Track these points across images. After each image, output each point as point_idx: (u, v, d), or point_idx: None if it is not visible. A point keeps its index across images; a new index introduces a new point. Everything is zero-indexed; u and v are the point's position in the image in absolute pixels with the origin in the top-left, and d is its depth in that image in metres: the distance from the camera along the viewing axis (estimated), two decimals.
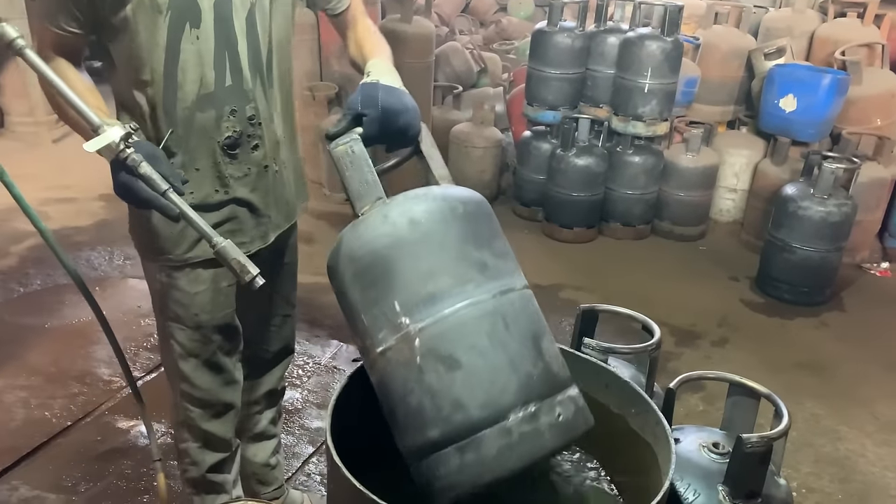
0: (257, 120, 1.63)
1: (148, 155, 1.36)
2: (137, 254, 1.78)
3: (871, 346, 3.58)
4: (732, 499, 1.63)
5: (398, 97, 1.43)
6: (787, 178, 4.27)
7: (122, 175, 1.34)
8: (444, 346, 1.25)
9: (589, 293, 3.87)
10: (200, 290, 1.69)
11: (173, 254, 1.66)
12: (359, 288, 1.33)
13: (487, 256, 1.32)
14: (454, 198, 1.34)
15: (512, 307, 1.30)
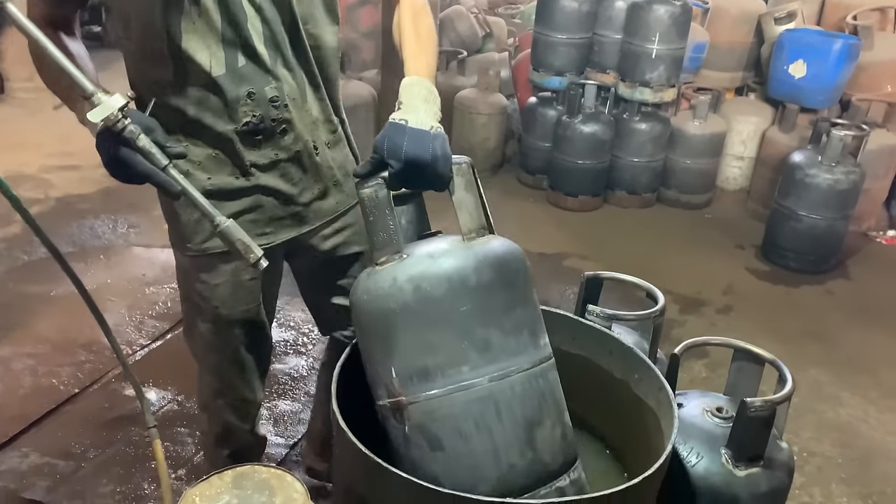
0: (282, 102, 1.49)
1: (144, 126, 1.26)
2: (142, 223, 1.76)
3: (876, 314, 3.58)
4: (735, 462, 1.64)
5: (426, 146, 1.30)
6: (795, 145, 4.23)
7: (116, 148, 1.24)
8: (431, 424, 1.27)
9: (594, 262, 3.86)
10: (220, 282, 1.61)
11: (192, 242, 1.58)
12: (366, 337, 1.35)
13: (494, 334, 1.28)
14: (470, 266, 1.28)
15: (510, 392, 1.28)
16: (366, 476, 1.34)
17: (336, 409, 1.39)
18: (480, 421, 1.26)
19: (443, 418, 1.27)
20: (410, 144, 1.29)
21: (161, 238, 3.89)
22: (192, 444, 2.52)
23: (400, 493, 1.28)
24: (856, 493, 2.47)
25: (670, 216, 4.59)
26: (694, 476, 1.65)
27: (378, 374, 1.32)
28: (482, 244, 1.34)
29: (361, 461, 1.30)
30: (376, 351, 1.32)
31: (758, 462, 1.65)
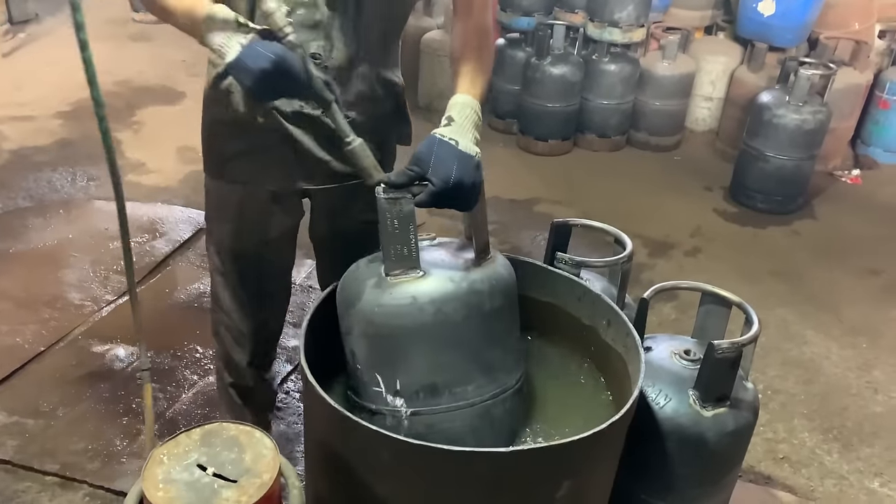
0: (322, 63, 1.43)
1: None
2: (102, 175, 1.75)
3: (840, 253, 3.65)
4: (702, 403, 1.67)
5: (471, 172, 1.31)
6: (764, 85, 4.22)
7: (280, 54, 1.25)
8: (428, 432, 1.32)
9: (565, 207, 3.85)
10: (229, 210, 1.63)
11: (210, 163, 1.62)
12: (366, 346, 1.36)
13: (497, 355, 1.39)
14: (486, 291, 1.34)
15: (502, 407, 1.40)
16: (338, 430, 1.34)
17: (305, 365, 1.38)
18: (476, 433, 1.36)
19: (442, 430, 1.34)
20: (460, 168, 1.29)
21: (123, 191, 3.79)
22: (163, 399, 2.51)
23: (372, 447, 1.29)
24: (817, 428, 2.55)
25: (640, 159, 4.58)
26: (662, 417, 1.68)
27: (376, 380, 1.35)
28: (492, 267, 1.40)
29: (333, 416, 1.30)
30: (380, 361, 1.35)
31: (724, 402, 1.68)
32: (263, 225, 1.64)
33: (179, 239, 3.38)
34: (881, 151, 4.59)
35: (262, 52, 1.26)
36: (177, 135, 4.32)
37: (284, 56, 1.27)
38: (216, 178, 1.64)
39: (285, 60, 1.26)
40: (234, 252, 1.67)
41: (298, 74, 1.29)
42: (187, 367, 2.66)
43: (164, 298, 3.03)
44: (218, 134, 1.58)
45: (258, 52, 1.26)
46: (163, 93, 4.95)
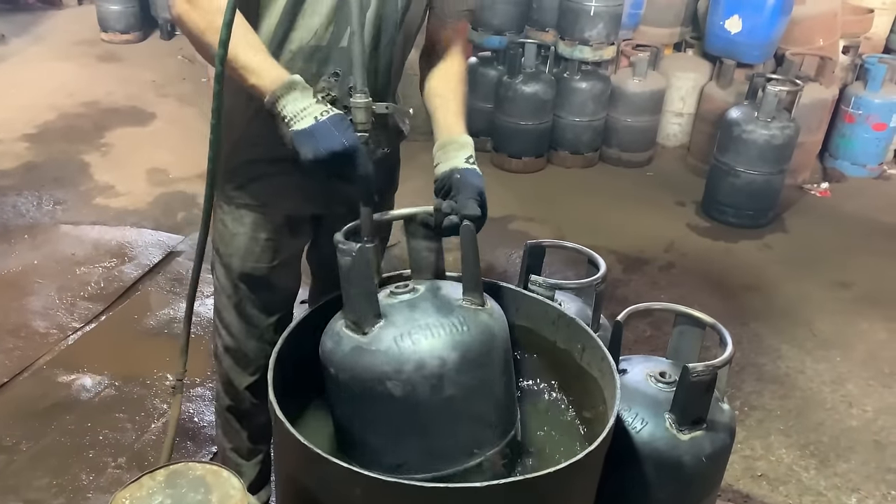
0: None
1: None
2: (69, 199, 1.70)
3: (812, 266, 3.68)
4: (679, 426, 1.66)
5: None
6: (733, 101, 4.27)
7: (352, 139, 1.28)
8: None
9: (539, 224, 3.86)
10: (240, 231, 1.63)
11: (224, 187, 1.61)
12: (351, 404, 1.35)
13: (491, 410, 1.38)
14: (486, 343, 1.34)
15: (497, 464, 1.39)
16: (308, 466, 1.31)
17: (273, 399, 1.34)
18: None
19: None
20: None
21: (90, 214, 3.73)
22: (132, 430, 2.44)
23: (344, 483, 1.25)
24: (794, 444, 2.56)
25: (613, 175, 4.61)
26: (639, 442, 1.67)
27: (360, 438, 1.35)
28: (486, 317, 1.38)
29: (303, 452, 1.26)
30: (365, 417, 1.33)
31: (700, 425, 1.67)
32: (274, 247, 1.66)
33: (149, 263, 3.32)
34: (848, 164, 4.67)
35: (336, 134, 1.27)
36: (146, 156, 4.26)
37: (356, 147, 1.28)
38: (230, 201, 1.63)
39: (357, 151, 1.28)
40: (244, 274, 1.66)
41: (361, 168, 1.30)
42: (157, 395, 2.59)
43: (132, 325, 2.96)
44: (238, 160, 1.57)
45: (332, 133, 1.27)
46: (132, 114, 4.88)
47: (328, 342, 1.34)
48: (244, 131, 1.52)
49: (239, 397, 1.78)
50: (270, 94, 1.29)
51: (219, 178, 1.58)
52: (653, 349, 2.96)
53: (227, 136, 1.54)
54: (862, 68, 4.56)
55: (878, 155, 4.65)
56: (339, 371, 1.32)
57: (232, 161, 1.56)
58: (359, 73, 1.32)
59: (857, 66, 4.60)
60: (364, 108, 1.33)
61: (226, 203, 1.63)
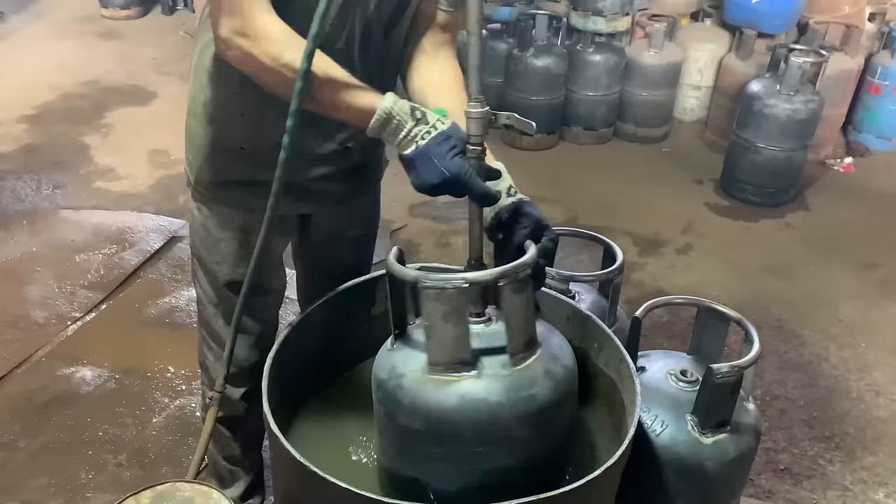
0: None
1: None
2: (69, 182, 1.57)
3: (835, 247, 3.54)
4: (701, 429, 1.56)
5: None
6: (753, 73, 4.10)
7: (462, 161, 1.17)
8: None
9: (551, 204, 3.73)
10: (226, 237, 1.51)
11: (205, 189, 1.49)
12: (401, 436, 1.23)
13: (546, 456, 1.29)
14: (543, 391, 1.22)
15: None
16: (306, 485, 1.22)
17: (268, 411, 1.25)
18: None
19: None
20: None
21: (90, 199, 3.64)
22: (132, 425, 2.37)
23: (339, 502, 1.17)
24: (818, 436, 2.45)
25: (628, 151, 4.46)
26: (659, 445, 1.57)
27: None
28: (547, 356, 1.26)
29: (300, 470, 1.17)
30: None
31: (725, 428, 1.58)
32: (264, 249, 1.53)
33: (150, 249, 3.23)
34: (873, 138, 4.49)
35: (435, 164, 1.16)
36: (148, 138, 4.15)
37: (459, 175, 1.16)
38: (215, 203, 1.50)
39: (460, 178, 1.16)
40: (233, 281, 1.53)
41: (470, 192, 1.19)
42: (158, 388, 2.52)
43: (133, 314, 2.88)
44: (223, 159, 1.44)
45: (431, 162, 1.16)
46: (133, 93, 4.77)
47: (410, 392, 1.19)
48: (227, 127, 1.40)
49: (230, 406, 1.68)
50: (368, 130, 1.20)
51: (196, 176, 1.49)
52: (669, 336, 2.85)
53: (205, 131, 1.43)
54: (889, 36, 4.35)
55: None
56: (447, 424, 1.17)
57: (215, 161, 1.44)
58: (473, 77, 1.19)
59: (884, 35, 4.39)
60: (477, 118, 1.17)
61: (206, 206, 1.51)
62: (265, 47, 1.16)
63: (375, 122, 1.18)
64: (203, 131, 1.43)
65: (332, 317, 1.53)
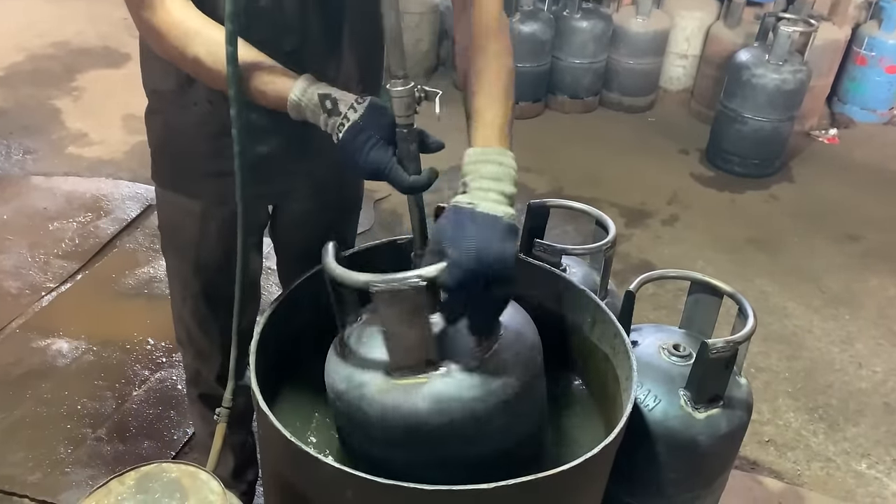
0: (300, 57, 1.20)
1: None
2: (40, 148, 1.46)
3: (819, 219, 3.55)
4: (694, 404, 1.55)
5: (497, 236, 1.01)
6: (741, 42, 4.06)
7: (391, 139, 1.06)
8: None
9: (537, 174, 3.69)
10: (194, 225, 1.41)
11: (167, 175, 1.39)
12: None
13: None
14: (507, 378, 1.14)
15: None
16: (296, 465, 1.18)
17: (257, 389, 1.21)
18: None
19: None
20: (479, 234, 1.01)
21: (63, 165, 3.52)
22: (112, 398, 2.32)
23: (335, 484, 1.13)
24: (802, 407, 2.47)
25: (613, 121, 4.41)
26: (651, 420, 1.56)
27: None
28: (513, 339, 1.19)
29: (289, 449, 1.14)
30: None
31: (717, 403, 1.56)
32: (230, 236, 1.42)
33: (126, 218, 3.14)
34: (858, 109, 4.49)
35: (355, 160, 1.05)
36: (121, 101, 4.01)
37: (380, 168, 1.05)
38: (175, 190, 1.40)
39: (383, 171, 1.06)
40: (205, 266, 1.45)
41: (397, 184, 1.08)
42: (137, 361, 2.46)
43: (110, 284, 2.81)
44: (180, 143, 1.33)
45: (353, 158, 1.05)
46: (104, 55, 4.60)
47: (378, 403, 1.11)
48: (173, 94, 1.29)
49: (210, 386, 1.63)
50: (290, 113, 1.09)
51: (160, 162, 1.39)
52: (656, 307, 2.85)
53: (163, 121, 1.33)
54: (876, 6, 4.33)
55: (888, 100, 4.47)
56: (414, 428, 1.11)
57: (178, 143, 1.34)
58: (393, 52, 1.05)
59: (872, 5, 4.36)
60: (400, 98, 1.05)
61: (172, 192, 1.40)
62: (173, 41, 1.08)
63: (291, 111, 1.08)
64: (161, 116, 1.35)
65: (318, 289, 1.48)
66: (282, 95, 1.08)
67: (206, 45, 1.07)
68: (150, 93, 1.34)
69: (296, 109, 1.08)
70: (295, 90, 1.07)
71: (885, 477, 2.24)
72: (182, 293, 1.51)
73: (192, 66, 1.11)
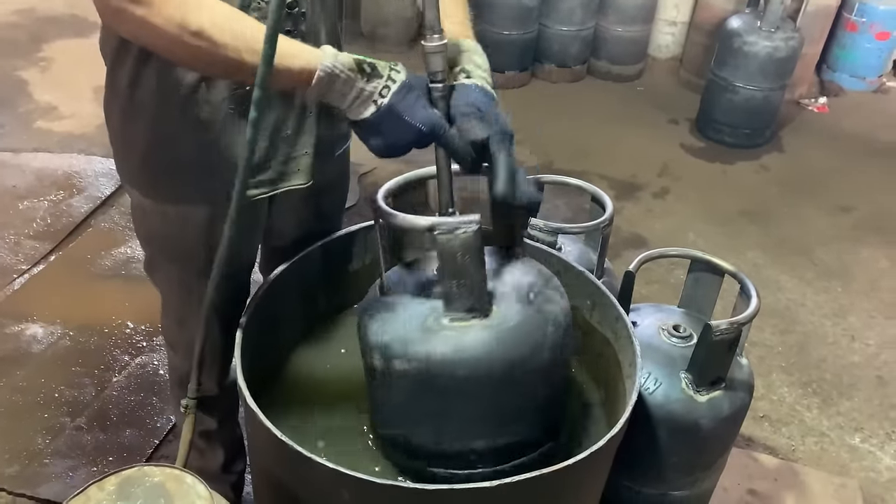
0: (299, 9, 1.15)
1: None
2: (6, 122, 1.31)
3: (810, 189, 3.51)
4: (696, 387, 1.51)
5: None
6: (732, 8, 3.97)
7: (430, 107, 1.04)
8: None
9: (526, 147, 3.61)
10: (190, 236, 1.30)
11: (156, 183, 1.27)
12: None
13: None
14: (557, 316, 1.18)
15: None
16: (288, 466, 1.12)
17: (244, 385, 1.14)
18: None
19: None
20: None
21: (31, 140, 3.38)
22: (90, 385, 2.23)
23: (331, 486, 1.07)
24: (796, 382, 2.45)
25: (602, 90, 4.33)
26: (652, 404, 1.52)
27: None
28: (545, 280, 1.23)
29: (281, 449, 1.07)
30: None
31: (720, 385, 1.52)
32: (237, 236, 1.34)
33: (100, 195, 3.02)
34: (847, 77, 4.43)
35: (406, 120, 1.02)
36: (91, 72, 3.75)
37: (435, 127, 1.03)
38: (176, 201, 1.27)
39: (435, 133, 1.04)
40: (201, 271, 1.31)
41: (451, 145, 1.05)
42: (117, 346, 2.37)
43: (85, 266, 2.70)
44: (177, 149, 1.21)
45: (402, 120, 1.02)
46: (73, 23, 4.41)
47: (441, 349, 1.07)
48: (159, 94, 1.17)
49: (205, 388, 1.55)
50: (308, 94, 1.01)
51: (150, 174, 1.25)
52: (648, 282, 2.80)
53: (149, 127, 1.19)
54: None
55: (878, 67, 4.41)
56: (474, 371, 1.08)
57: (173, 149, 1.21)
58: (431, 7, 1.03)
59: None
60: (435, 53, 1.04)
61: (172, 204, 1.28)
62: (166, 12, 0.94)
63: (317, 85, 0.99)
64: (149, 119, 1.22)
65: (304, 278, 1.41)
66: (309, 67, 0.98)
67: (212, 15, 0.95)
68: (135, 99, 1.18)
69: (325, 80, 0.99)
70: (327, 57, 0.99)
71: (879, 451, 2.24)
72: (187, 299, 1.39)
73: (189, 42, 0.96)
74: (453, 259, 1.04)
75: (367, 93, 1.00)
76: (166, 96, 1.15)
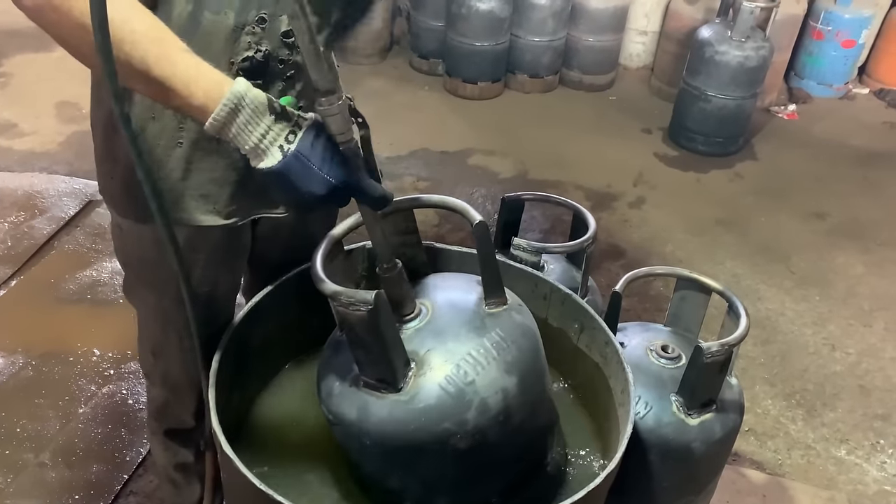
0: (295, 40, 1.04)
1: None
2: None
3: (784, 196, 3.53)
4: (687, 409, 1.47)
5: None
6: (701, 17, 3.99)
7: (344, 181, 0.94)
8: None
9: (501, 157, 3.57)
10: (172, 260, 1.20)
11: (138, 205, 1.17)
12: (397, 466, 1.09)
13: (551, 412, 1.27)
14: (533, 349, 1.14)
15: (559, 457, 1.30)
16: None
17: (218, 428, 1.07)
18: None
19: None
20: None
21: None
22: (55, 418, 2.13)
23: None
24: (780, 393, 2.43)
25: (574, 100, 4.32)
26: (643, 429, 1.48)
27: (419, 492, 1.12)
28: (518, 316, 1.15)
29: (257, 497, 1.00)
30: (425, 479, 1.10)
31: (711, 407, 1.49)
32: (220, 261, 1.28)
33: (64, 216, 2.91)
34: (814, 84, 4.49)
35: (314, 170, 0.91)
36: (54, 88, 3.74)
37: (348, 183, 0.95)
38: (144, 221, 1.20)
39: (351, 186, 0.95)
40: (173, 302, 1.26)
41: (363, 197, 0.99)
42: (82, 375, 2.27)
43: (48, 290, 2.59)
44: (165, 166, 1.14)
45: (310, 171, 0.91)
46: (35, 37, 4.22)
47: (349, 412, 1.03)
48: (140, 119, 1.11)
49: (180, 420, 1.47)
50: (209, 122, 0.90)
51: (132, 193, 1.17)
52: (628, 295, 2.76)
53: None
54: None
55: (844, 74, 4.47)
56: (379, 442, 1.03)
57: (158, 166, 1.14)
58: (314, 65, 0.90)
59: None
60: (339, 113, 0.93)
61: (139, 223, 1.21)
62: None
63: (220, 114, 0.88)
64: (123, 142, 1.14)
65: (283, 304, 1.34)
66: (218, 89, 0.89)
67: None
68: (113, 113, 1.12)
69: (230, 110, 0.89)
70: (239, 84, 0.89)
71: (865, 462, 2.23)
72: (163, 328, 1.33)
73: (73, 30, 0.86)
74: (352, 331, 0.99)
75: (273, 135, 0.90)
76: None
